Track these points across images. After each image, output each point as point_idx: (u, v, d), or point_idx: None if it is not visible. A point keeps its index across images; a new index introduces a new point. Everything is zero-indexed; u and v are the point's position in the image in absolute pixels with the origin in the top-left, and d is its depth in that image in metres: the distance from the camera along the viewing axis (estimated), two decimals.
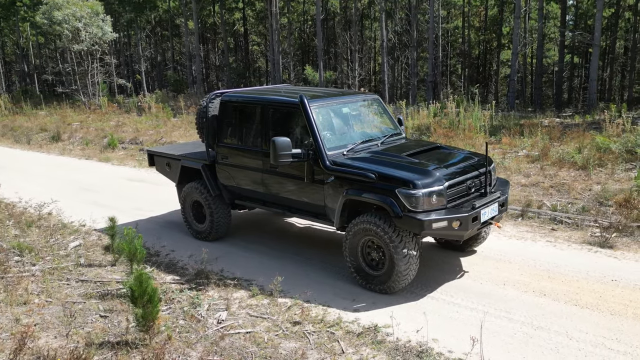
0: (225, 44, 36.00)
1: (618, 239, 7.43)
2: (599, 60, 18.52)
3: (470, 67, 32.89)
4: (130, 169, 14.17)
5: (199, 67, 33.38)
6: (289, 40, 33.47)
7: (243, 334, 5.28)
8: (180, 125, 20.02)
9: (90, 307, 5.92)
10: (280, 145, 6.16)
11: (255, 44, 45.55)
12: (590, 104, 18.31)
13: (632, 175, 9.84)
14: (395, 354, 4.80)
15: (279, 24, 29.09)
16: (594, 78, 18.34)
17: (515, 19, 19.45)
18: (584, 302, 5.50)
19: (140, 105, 25.96)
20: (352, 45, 29.82)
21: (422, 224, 5.47)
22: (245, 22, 41.02)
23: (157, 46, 42.62)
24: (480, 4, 32.32)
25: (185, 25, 34.74)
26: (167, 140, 17.29)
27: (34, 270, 6.98)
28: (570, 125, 14.68)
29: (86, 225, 9.01)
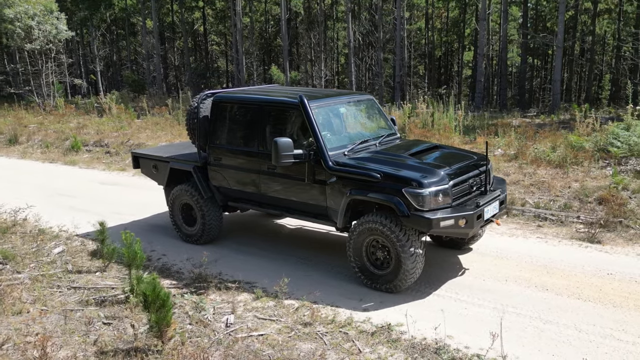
0: (186, 44, 35.54)
1: (603, 234, 7.77)
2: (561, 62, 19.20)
3: (432, 68, 33.51)
4: (101, 172, 13.85)
5: (159, 67, 32.83)
6: (252, 40, 33.32)
7: (256, 337, 5.27)
8: (145, 126, 19.67)
9: (90, 314, 5.78)
10: (283, 146, 6.17)
11: (214, 43, 45.15)
12: (554, 104, 18.99)
13: (606, 172, 10.29)
14: (412, 351, 4.89)
15: (242, 24, 28.92)
16: (557, 79, 19.04)
17: (481, 21, 20.01)
18: (585, 296, 5.74)
19: (99, 106, 25.36)
20: (316, 46, 29.98)
21: (430, 223, 5.59)
22: (205, 22, 40.60)
23: (112, 45, 41.65)
24: (442, 5, 32.99)
25: (144, 24, 34.12)
26: (134, 142, 16.95)
27: (21, 278, 6.75)
28: (541, 124, 15.20)
29: (66, 230, 8.76)
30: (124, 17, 38.98)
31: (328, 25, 37.62)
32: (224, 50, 44.57)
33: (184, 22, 36.14)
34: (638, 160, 10.82)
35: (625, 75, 26.18)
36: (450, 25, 34.04)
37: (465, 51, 33.47)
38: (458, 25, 33.26)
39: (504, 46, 23.52)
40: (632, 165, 10.77)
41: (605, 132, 12.15)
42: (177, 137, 16.99)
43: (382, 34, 25.05)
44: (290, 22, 40.67)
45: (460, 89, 31.30)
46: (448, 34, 34.37)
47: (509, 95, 30.73)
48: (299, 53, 39.20)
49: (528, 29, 25.35)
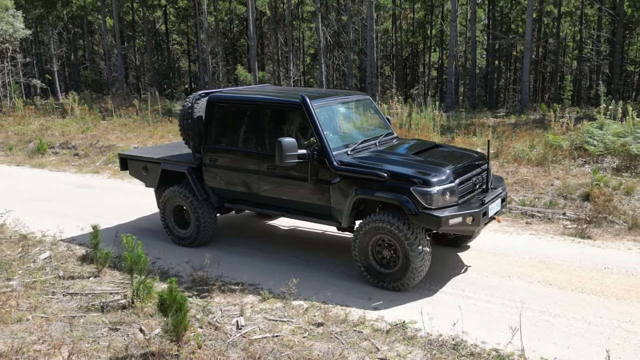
0: (148, 43, 34.95)
1: (591, 230, 8.07)
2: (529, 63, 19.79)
3: (399, 68, 33.97)
4: (73, 175, 13.53)
5: (120, 66, 32.18)
6: (217, 40, 33.03)
7: (270, 338, 5.27)
8: (112, 127, 19.33)
9: (94, 320, 5.67)
10: (287, 146, 6.19)
11: (175, 43, 44.50)
12: (523, 104, 19.55)
13: (585, 170, 10.68)
14: (430, 348, 4.99)
15: (207, 22, 28.65)
16: (526, 80, 19.62)
17: (451, 23, 20.43)
18: (588, 289, 5.97)
19: (59, 107, 24.71)
20: (283, 46, 29.97)
21: (439, 221, 5.70)
22: (166, 21, 40.01)
23: (69, 44, 40.57)
24: (408, 6, 33.47)
25: (103, 22, 33.38)
26: (104, 144, 16.60)
27: (13, 285, 6.56)
28: (516, 124, 15.63)
29: (49, 235, 8.53)
30: (82, 15, 38.04)
31: (294, 26, 37.66)
32: (186, 50, 44.01)
33: (145, 21, 35.54)
34: (614, 158, 11.28)
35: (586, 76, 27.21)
36: (416, 27, 34.57)
37: (432, 52, 34.04)
38: (424, 26, 33.81)
39: (473, 47, 24.08)
40: (607, 162, 11.22)
41: (579, 131, 12.60)
42: (148, 138, 16.75)
43: (352, 34, 25.27)
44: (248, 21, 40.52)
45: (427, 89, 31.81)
46: (414, 35, 34.89)
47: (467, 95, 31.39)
48: (264, 53, 39.09)
49: (497, 31, 26.00)
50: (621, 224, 8.32)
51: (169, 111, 22.19)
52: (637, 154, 10.49)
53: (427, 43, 33.79)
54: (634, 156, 10.62)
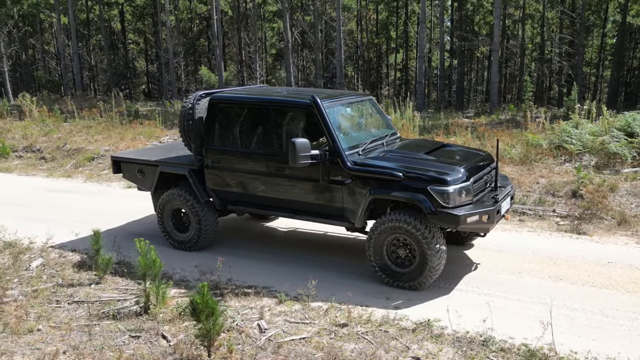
0: (106, 42, 34.11)
1: (584, 226, 8.38)
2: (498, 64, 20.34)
3: (364, 70, 34.29)
4: (45, 179, 13.14)
5: (77, 66, 31.28)
6: (178, 39, 32.54)
7: (298, 341, 5.26)
8: (76, 130, 18.77)
9: (109, 328, 5.53)
10: (300, 147, 6.19)
11: (131, 42, 43.60)
12: (492, 104, 20.08)
13: (566, 168, 11.07)
14: (459, 345, 5.09)
15: (170, 22, 28.19)
16: (495, 80, 20.16)
17: (420, 24, 20.81)
18: (598, 283, 6.21)
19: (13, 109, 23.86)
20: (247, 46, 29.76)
21: (458, 219, 5.82)
22: (123, 19, 39.16)
23: (20, 43, 39.17)
24: (372, 7, 33.83)
25: (58, 21, 32.38)
26: (71, 147, 16.14)
27: (15, 294, 6.33)
28: (493, 123, 16.03)
29: (36, 242, 8.25)
30: (34, 14, 36.80)
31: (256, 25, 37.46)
32: (143, 49, 43.20)
33: (102, 19, 34.68)
34: (591, 156, 11.73)
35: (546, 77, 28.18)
36: (380, 28, 34.98)
37: (395, 53, 34.50)
38: (387, 27, 34.24)
39: (441, 49, 24.56)
40: (586, 160, 11.65)
41: (555, 130, 13.03)
42: (119, 141, 16.37)
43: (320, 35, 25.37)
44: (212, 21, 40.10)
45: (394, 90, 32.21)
46: (379, 36, 35.30)
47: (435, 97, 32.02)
48: (226, 53, 38.72)
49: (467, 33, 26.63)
50: (610, 219, 8.68)
51: (136, 112, 21.74)
52: (616, 152, 10.94)
53: (391, 44, 34.22)
54: (613, 154, 11.07)
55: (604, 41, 29.73)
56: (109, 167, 14.18)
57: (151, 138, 16.79)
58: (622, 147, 11.02)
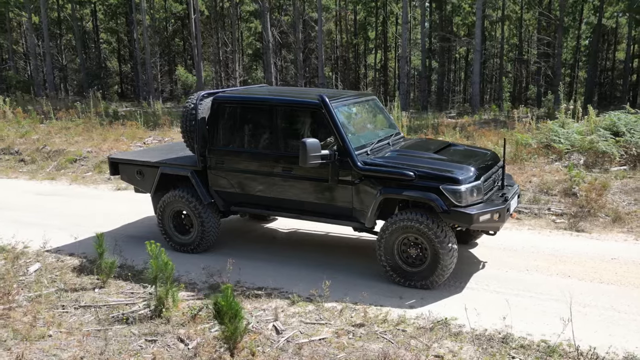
0: (78, 41, 33.48)
1: (581, 224, 8.56)
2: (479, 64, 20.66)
3: (344, 70, 34.41)
4: (29, 182, 12.87)
5: (50, 67, 30.65)
6: (154, 39, 32.15)
7: (317, 341, 5.26)
8: (54, 131, 18.43)
9: (123, 333, 5.45)
10: (311, 147, 6.19)
11: (103, 42, 42.90)
12: (474, 105, 20.36)
13: (556, 166, 11.29)
14: (479, 343, 5.15)
15: (145, 20, 27.83)
16: (477, 81, 20.46)
17: (403, 25, 20.99)
18: (606, 280, 6.35)
19: None
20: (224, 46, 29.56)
21: (471, 218, 5.90)
22: (95, 18, 38.51)
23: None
24: (351, 8, 33.99)
25: (29, 20, 31.70)
26: (51, 148, 15.83)
27: (19, 300, 6.18)
28: (474, 123, 16.26)
29: (30, 246, 8.09)
30: (2, 12, 35.93)
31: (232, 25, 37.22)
32: (115, 49, 42.56)
33: (75, 18, 34.05)
34: (579, 155, 11.99)
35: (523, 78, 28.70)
36: (358, 28, 35.14)
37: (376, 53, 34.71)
38: (365, 28, 34.43)
39: (423, 49, 24.80)
40: (575, 159, 11.91)
41: (542, 130, 13.29)
42: (102, 142, 16.13)
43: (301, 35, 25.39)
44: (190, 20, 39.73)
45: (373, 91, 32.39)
46: (357, 36, 35.45)
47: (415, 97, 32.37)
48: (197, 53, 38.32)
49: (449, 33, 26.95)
50: (604, 217, 8.88)
51: (115, 114, 21.42)
52: (606, 150, 11.21)
53: (369, 45, 34.42)
54: (602, 153, 11.33)
55: (579, 42, 30.45)
56: (93, 169, 14.00)
57: (134, 139, 16.58)
58: (610, 145, 11.29)
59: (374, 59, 35.83)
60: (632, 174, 10.66)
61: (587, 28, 30.43)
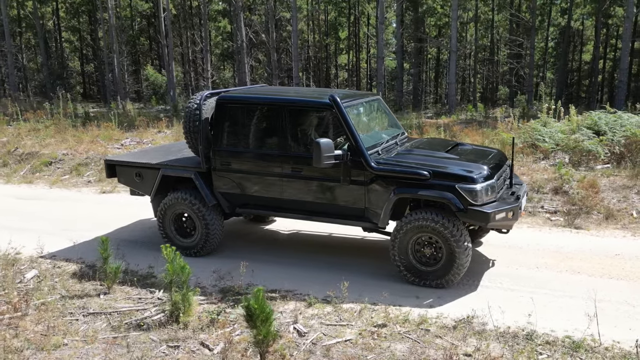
0: (42, 41, 32.56)
1: (576, 221, 8.78)
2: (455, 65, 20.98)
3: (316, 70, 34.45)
4: (4, 186, 12.51)
5: (12, 67, 29.71)
6: (120, 38, 31.52)
7: (343, 343, 5.25)
8: (23, 133, 17.91)
9: (141, 340, 5.32)
10: (325, 147, 6.18)
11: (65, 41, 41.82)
12: (451, 105, 20.66)
13: (543, 165, 11.55)
14: (504, 340, 5.22)
15: (113, 18, 27.25)
16: (453, 81, 20.76)
17: (380, 25, 21.16)
18: (615, 275, 6.53)
19: None
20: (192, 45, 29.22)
21: (488, 216, 5.98)
22: (58, 17, 37.52)
23: None
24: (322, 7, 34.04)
25: None
26: (23, 151, 15.36)
27: (24, 309, 5.97)
28: (456, 123, 16.50)
29: (22, 252, 7.83)
30: None
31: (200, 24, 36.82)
32: (77, 48, 41.53)
33: (37, 16, 33.09)
34: (564, 154, 12.29)
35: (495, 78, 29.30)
36: (329, 28, 35.22)
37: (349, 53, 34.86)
38: (336, 28, 34.54)
39: (399, 50, 25.03)
40: (559, 158, 12.21)
41: (527, 129, 13.57)
42: (76, 144, 15.73)
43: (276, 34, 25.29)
44: (156, 19, 39.12)
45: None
46: (329, 36, 35.53)
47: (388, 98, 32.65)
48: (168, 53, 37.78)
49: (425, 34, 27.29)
50: (597, 214, 9.13)
51: (86, 114, 20.92)
52: (591, 149, 11.53)
53: (339, 45, 34.56)
54: (587, 152, 11.64)
55: (547, 44, 31.25)
56: (71, 171, 13.65)
57: (110, 141, 16.24)
58: (595, 144, 11.61)
59: (347, 58, 35.96)
60: (617, 172, 10.99)
61: (554, 30, 31.27)
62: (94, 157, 14.30)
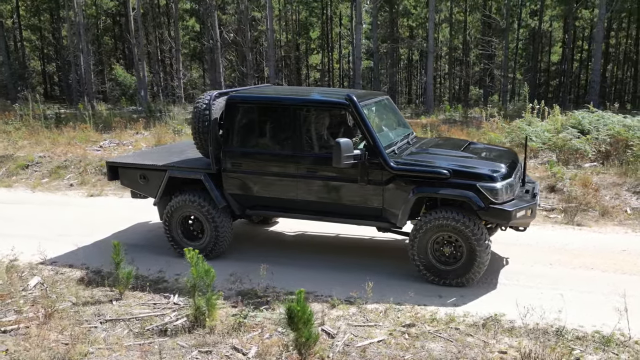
0: (2, 40, 31.54)
1: (576, 218, 8.99)
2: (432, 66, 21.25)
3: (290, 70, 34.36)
4: None
5: None
6: (86, 37, 30.77)
7: (376, 343, 5.25)
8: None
9: (169, 346, 5.21)
10: (345, 147, 6.18)
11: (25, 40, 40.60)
12: (428, 105, 20.92)
13: (532, 164, 11.80)
14: (535, 337, 5.30)
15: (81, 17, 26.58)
16: (430, 82, 21.05)
17: (357, 25, 21.28)
18: (627, 270, 6.71)
19: None
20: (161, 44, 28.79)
21: (510, 214, 6.07)
22: (18, 15, 36.40)
23: None
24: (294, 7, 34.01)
25: None
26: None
27: (39, 315, 5.78)
28: (441, 123, 16.71)
29: (20, 259, 7.58)
30: None
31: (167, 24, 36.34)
32: (38, 47, 40.39)
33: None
34: (551, 152, 12.58)
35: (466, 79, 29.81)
36: (300, 28, 35.21)
37: (315, 54, 34.91)
38: (307, 28, 34.56)
39: (375, 50, 25.20)
40: (547, 157, 12.50)
41: (511, 129, 13.85)
42: (52, 146, 15.35)
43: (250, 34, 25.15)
44: (121, 18, 38.40)
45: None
46: (301, 36, 35.51)
47: None
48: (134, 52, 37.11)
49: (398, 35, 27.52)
50: (592, 211, 9.38)
51: (58, 116, 20.37)
52: (579, 148, 11.84)
53: (310, 45, 34.58)
54: (575, 150, 11.95)
55: (517, 45, 31.93)
56: (50, 174, 13.28)
57: (88, 143, 15.88)
58: (583, 143, 11.93)
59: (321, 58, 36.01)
60: (605, 169, 11.32)
61: (524, 31, 31.99)
62: (73, 159, 13.96)
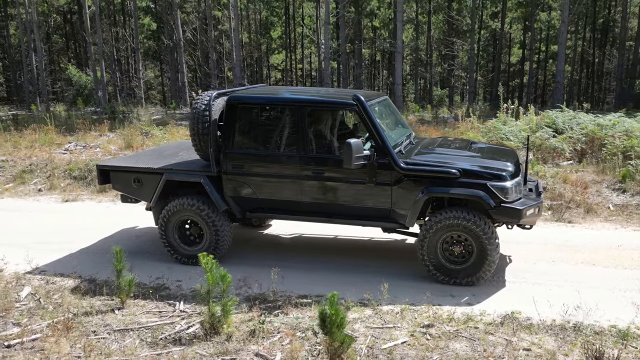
0: None
1: (565, 215, 9.25)
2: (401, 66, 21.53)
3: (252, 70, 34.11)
4: None
5: None
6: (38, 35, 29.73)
7: (400, 345, 5.26)
8: None
9: (189, 355, 5.08)
10: (356, 147, 6.18)
11: None
12: (398, 105, 21.13)
13: None
14: (554, 333, 5.43)
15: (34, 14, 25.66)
16: (399, 82, 21.28)
17: (325, 25, 21.31)
18: (627, 265, 6.95)
19: None
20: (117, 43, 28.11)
21: (520, 213, 6.19)
22: None
23: None
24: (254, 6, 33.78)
25: None
26: None
27: (38, 328, 5.56)
28: (418, 122, 16.91)
29: (5, 269, 7.27)
30: None
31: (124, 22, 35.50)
32: None
33: None
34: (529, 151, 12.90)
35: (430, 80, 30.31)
36: (261, 27, 35.02)
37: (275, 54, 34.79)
38: (267, 27, 34.42)
39: (343, 50, 25.29)
40: (524, 156, 12.80)
41: (488, 128, 14.14)
42: (14, 149, 14.75)
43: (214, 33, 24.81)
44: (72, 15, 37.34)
45: None
46: (264, 36, 35.30)
47: None
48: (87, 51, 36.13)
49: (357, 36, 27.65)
50: (577, 209, 9.67)
51: (15, 118, 19.62)
52: (557, 147, 12.19)
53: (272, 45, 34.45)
54: (552, 149, 12.30)
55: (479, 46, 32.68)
56: (14, 179, 12.77)
57: (52, 146, 15.33)
58: (561, 142, 12.29)
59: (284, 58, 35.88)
60: (582, 167, 11.69)
61: (485, 33, 32.79)
62: (39, 163, 13.49)
